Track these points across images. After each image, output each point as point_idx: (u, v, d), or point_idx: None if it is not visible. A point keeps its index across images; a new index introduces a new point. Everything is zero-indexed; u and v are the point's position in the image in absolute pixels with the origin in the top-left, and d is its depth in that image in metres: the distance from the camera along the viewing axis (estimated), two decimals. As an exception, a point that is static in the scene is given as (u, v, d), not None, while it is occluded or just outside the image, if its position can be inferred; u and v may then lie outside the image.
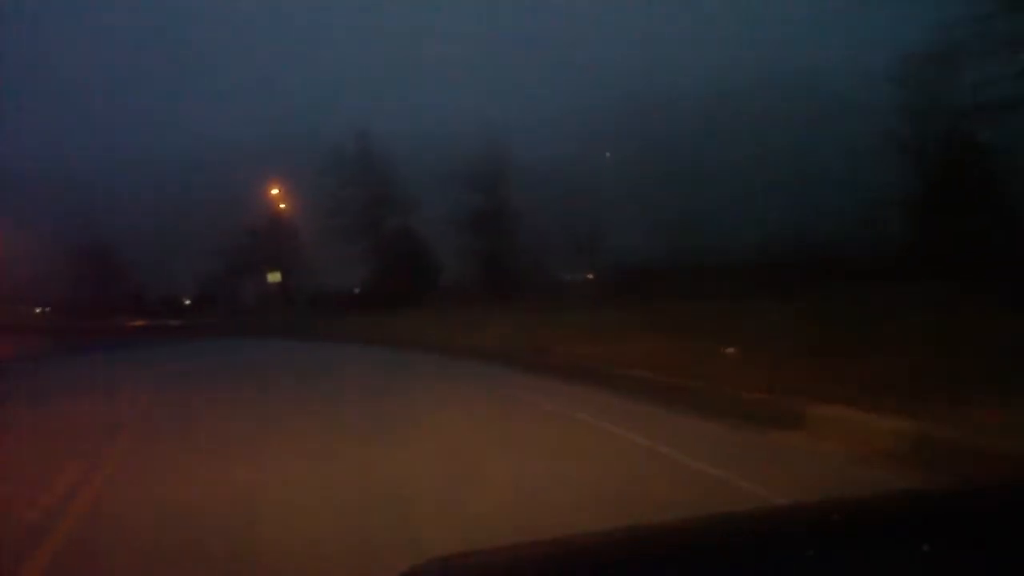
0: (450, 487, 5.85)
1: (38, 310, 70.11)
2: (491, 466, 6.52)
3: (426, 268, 43.90)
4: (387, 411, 9.62)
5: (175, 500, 5.70)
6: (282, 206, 49.60)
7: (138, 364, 21.66)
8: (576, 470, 6.34)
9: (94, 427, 9.89)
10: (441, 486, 5.90)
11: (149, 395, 13.69)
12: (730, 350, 13.76)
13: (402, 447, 7.38)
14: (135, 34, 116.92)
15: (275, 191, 49.53)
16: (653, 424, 8.13)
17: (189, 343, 31.32)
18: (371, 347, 23.54)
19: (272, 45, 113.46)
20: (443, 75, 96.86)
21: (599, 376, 12.16)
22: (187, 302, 68.73)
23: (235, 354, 24.83)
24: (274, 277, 42.94)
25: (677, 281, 35.68)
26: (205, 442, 8.07)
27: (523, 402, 10.50)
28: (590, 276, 40.12)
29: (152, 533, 5.12)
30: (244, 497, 5.70)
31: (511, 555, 1.40)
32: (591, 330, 19.71)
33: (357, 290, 44.42)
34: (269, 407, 11.03)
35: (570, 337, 18.63)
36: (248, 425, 9.22)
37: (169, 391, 14.33)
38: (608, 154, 73.65)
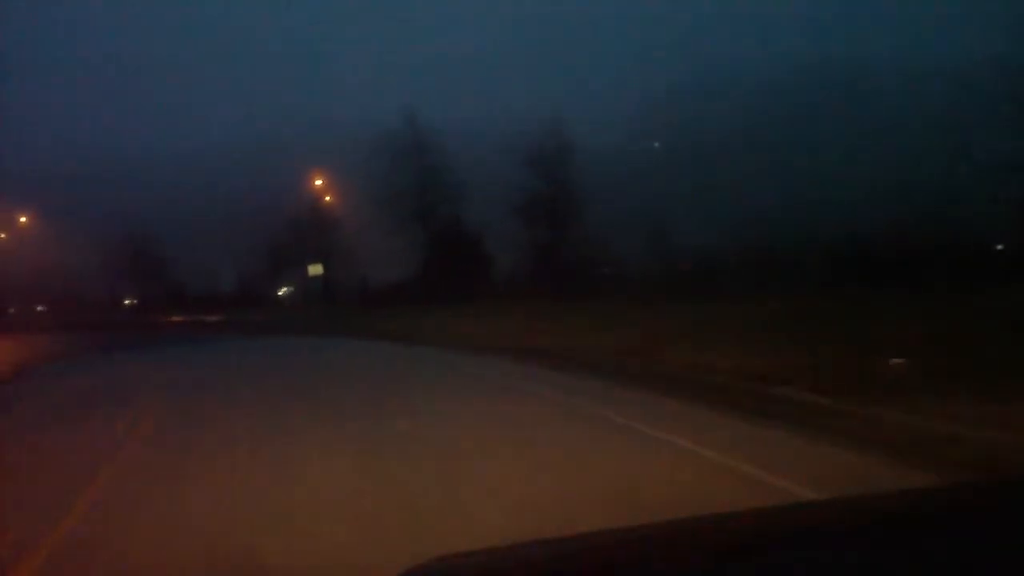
0: None
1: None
2: None
3: (478, 260, 40.87)
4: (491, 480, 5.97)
5: None
6: (326, 196, 47.19)
7: (159, 367, 19.06)
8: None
9: (57, 476, 7.03)
10: None
11: (155, 415, 10.92)
12: (897, 361, 10.87)
13: None
14: (176, 26, 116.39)
15: (318, 181, 47.15)
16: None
17: (221, 342, 28.77)
18: (427, 348, 20.51)
19: (319, 35, 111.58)
20: (497, 64, 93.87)
21: (758, 402, 8.95)
22: (227, 297, 67.12)
23: (268, 355, 22.13)
24: (315, 270, 40.26)
25: (759, 273, 32.32)
26: (201, 533, 5.01)
27: (667, 445, 7.31)
28: (660, 269, 36.70)
29: None
30: None
31: (511, 555, 1.38)
32: (688, 331, 16.48)
33: (405, 283, 41.54)
34: (303, 445, 8.05)
35: (666, 339, 15.41)
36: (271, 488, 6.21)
37: (181, 408, 11.55)
38: (656, 144, 70.21)
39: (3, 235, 66.54)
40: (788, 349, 11.70)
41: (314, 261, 42.87)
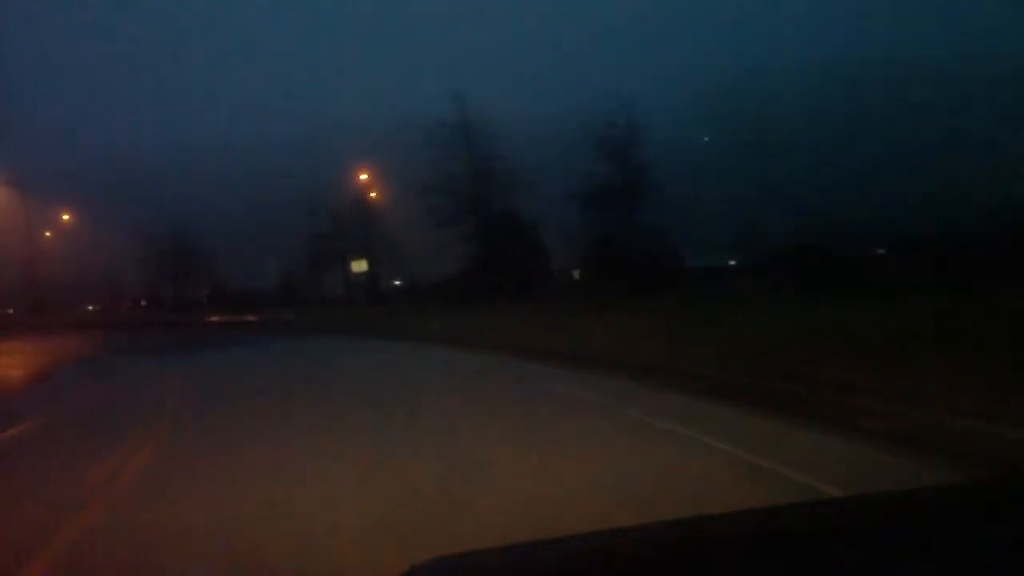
0: None
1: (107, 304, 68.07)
2: None
3: (535, 255, 37.46)
4: None
5: None
6: (369, 187, 44.45)
7: (180, 375, 16.27)
8: None
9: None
10: None
11: (156, 443, 8.11)
12: None
13: None
14: (209, 24, 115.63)
15: (363, 174, 44.44)
16: None
17: (256, 344, 25.88)
18: (501, 358, 17.18)
19: (371, 22, 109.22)
20: (560, 54, 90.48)
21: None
22: (268, 295, 65.09)
23: (306, 359, 19.14)
24: (359, 266, 37.32)
25: (859, 269, 28.43)
26: None
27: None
28: (741, 264, 32.87)
29: None
30: None
31: (511, 555, 1.38)
32: (841, 341, 12.83)
33: (456, 279, 38.41)
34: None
35: (817, 356, 11.69)
36: None
37: (194, 434, 8.69)
38: (706, 138, 66.29)
39: (48, 233, 66.06)
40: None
41: (358, 257, 39.90)
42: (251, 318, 42.31)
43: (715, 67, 70.85)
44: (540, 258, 38.00)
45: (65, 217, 62.41)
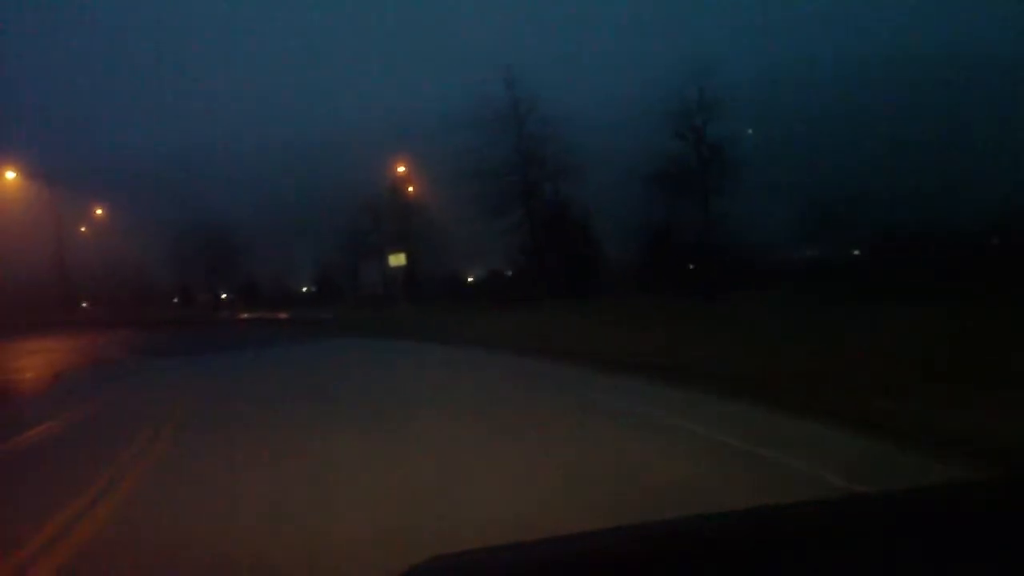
0: None
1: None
2: None
3: (589, 249, 34.09)
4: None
5: None
6: (406, 179, 41.64)
7: (180, 393, 13.51)
8: None
9: None
10: None
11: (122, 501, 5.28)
12: None
13: None
14: (241, 20, 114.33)
15: (400, 166, 41.72)
16: None
17: (279, 346, 23.03)
18: (547, 362, 13.99)
19: (395, 15, 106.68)
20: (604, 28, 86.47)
21: None
22: (303, 293, 62.84)
23: (338, 367, 16.24)
24: (397, 260, 34.34)
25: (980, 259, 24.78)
26: None
27: None
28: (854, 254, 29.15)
29: None
30: None
31: (510, 555, 1.37)
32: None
33: (504, 276, 35.36)
34: None
35: None
36: None
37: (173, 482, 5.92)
38: (750, 131, 62.17)
39: (84, 228, 64.76)
40: None
41: (395, 250, 36.96)
42: (283, 315, 40.24)
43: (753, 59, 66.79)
44: (594, 252, 34.60)
45: (98, 211, 61.04)
